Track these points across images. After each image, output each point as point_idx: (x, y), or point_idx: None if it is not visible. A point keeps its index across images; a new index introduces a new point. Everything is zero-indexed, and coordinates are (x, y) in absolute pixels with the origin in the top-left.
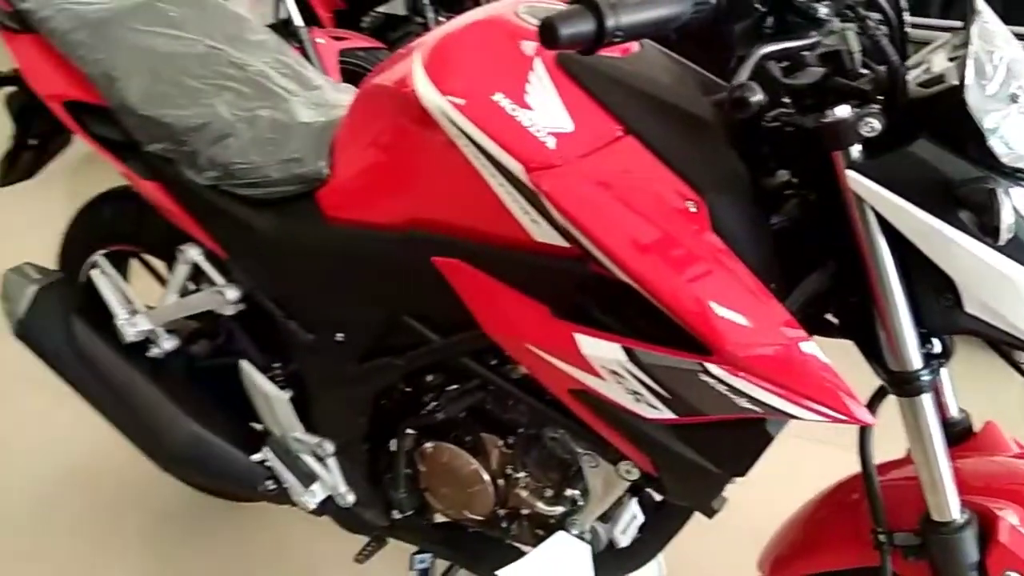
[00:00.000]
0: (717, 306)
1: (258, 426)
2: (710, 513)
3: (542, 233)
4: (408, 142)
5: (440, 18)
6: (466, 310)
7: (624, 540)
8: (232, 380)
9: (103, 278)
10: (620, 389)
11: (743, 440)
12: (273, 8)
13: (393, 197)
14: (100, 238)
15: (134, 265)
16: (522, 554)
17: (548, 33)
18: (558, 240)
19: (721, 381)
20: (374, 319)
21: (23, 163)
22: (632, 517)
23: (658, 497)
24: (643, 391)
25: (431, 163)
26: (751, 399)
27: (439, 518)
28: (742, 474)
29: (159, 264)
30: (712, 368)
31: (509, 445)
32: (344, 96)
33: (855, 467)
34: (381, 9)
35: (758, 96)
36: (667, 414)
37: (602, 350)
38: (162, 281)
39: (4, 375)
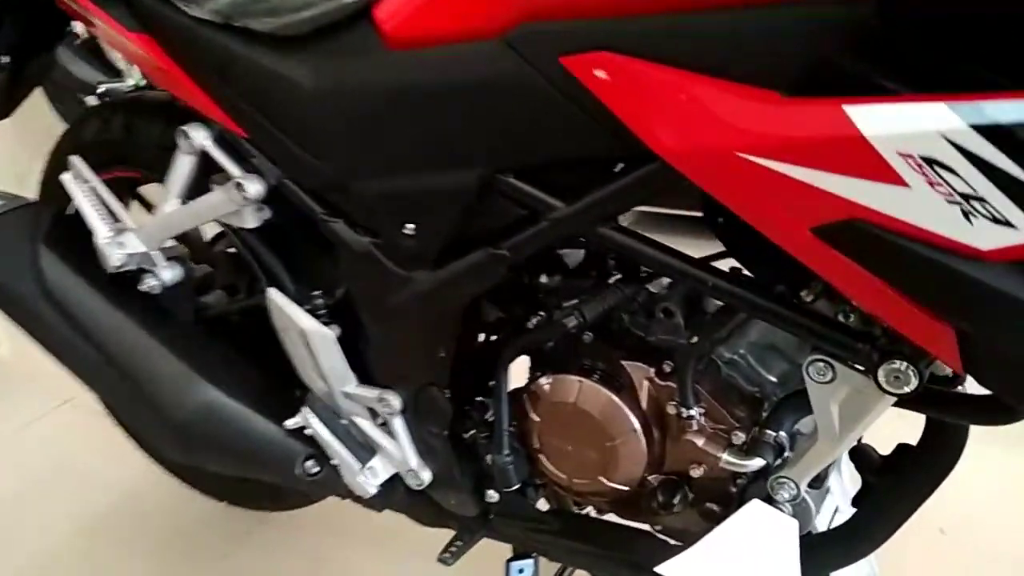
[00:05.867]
0: None
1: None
2: None
3: None
4: None
5: None
6: (609, 140)
7: (821, 520)
8: (258, 333)
9: (78, 185)
10: (934, 198)
11: None
12: None
13: None
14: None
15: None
16: (675, 551)
17: None
18: None
19: None
20: (460, 190)
21: None
22: (829, 489)
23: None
24: (987, 191)
25: None
26: None
27: (549, 504)
28: None
29: None
30: None
31: (665, 373)
32: None
33: None
34: None
35: None
36: None
37: (911, 120)
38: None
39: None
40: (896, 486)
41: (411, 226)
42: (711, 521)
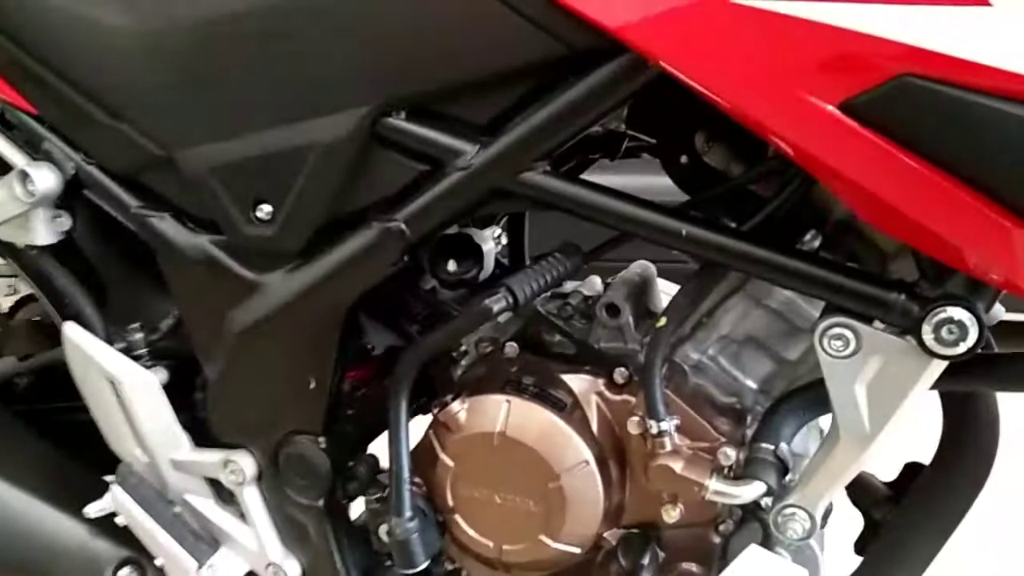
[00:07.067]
0: None
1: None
2: None
3: None
4: None
5: None
6: (537, 38)
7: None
8: (57, 398)
9: None
10: None
11: None
12: None
13: None
14: None
15: None
16: None
17: None
18: None
19: None
20: (333, 145)
21: None
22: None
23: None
24: None
25: None
26: None
27: None
28: None
29: None
30: None
31: (618, 384)
32: None
33: None
34: None
35: None
36: None
37: None
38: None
39: None
40: (911, 520)
41: (266, 208)
42: None
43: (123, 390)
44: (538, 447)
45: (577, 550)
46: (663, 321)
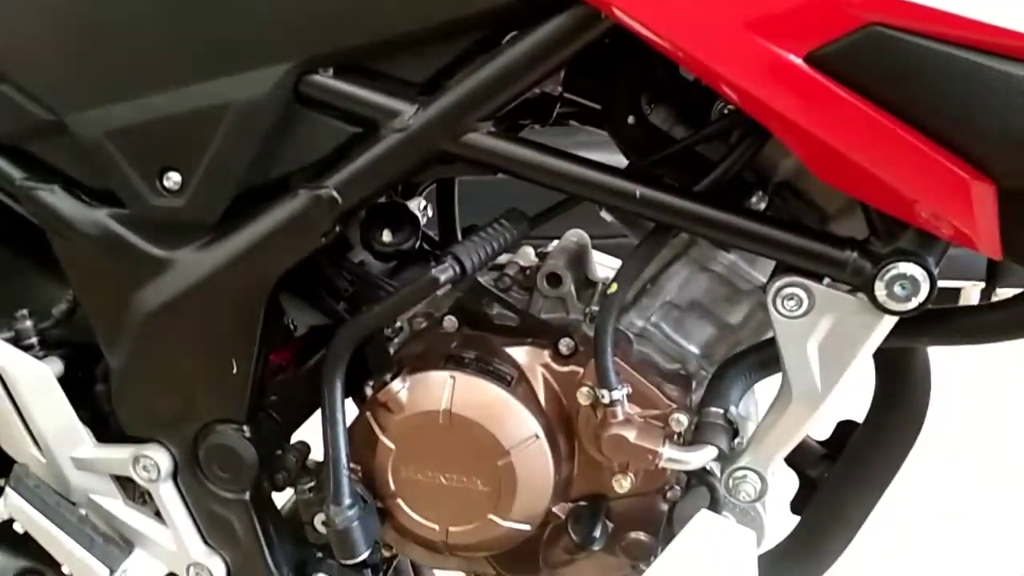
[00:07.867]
0: None
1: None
2: None
3: None
4: None
5: None
6: None
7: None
8: None
9: None
10: None
11: None
12: None
13: None
14: None
15: None
16: None
17: None
18: None
19: None
20: (250, 105)
21: None
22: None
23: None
24: None
25: None
26: None
27: None
28: None
29: None
30: None
31: (564, 355)
32: None
33: None
34: None
35: None
36: None
37: None
38: None
39: None
40: (847, 477)
41: (174, 177)
42: (638, 558)
43: (13, 384)
44: (486, 423)
45: (527, 527)
46: (614, 287)
